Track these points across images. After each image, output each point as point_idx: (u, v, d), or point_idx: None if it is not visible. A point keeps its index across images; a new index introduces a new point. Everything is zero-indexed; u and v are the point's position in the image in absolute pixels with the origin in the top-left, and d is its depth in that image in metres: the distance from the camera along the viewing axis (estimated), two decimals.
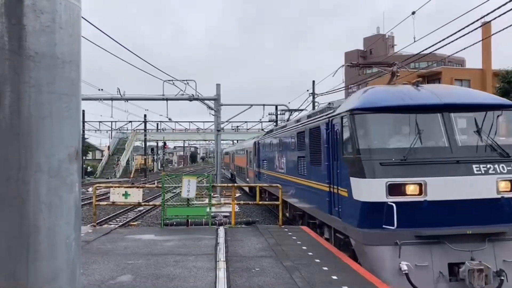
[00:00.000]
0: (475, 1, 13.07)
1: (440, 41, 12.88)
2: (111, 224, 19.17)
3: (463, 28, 11.96)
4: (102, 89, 31.60)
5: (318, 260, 8.59)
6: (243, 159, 33.29)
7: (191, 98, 27.47)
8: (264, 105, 34.74)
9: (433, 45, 13.23)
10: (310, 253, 9.24)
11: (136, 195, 13.57)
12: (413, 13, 15.21)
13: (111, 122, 59.43)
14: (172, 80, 26.98)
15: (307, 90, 35.06)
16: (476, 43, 14.54)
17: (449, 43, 12.51)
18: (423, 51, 14.66)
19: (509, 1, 10.34)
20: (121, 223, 19.46)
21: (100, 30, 15.47)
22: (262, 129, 50.56)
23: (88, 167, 57.31)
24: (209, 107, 28.82)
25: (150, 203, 20.70)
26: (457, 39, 12.23)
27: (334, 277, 7.38)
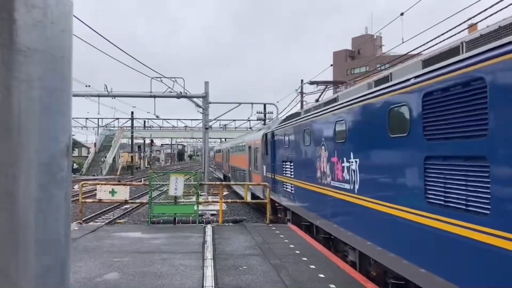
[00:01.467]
0: (464, 2, 13.22)
1: (427, 42, 12.99)
2: (97, 222, 19.02)
3: (450, 30, 12.09)
4: (89, 86, 31.35)
5: (305, 258, 8.64)
6: (242, 158, 25.80)
7: (179, 96, 27.37)
8: (252, 103, 34.81)
9: (420, 46, 13.35)
10: (297, 251, 9.28)
11: (123, 192, 13.51)
12: (402, 14, 15.32)
13: (98, 119, 59.07)
14: (160, 77, 26.86)
15: (296, 90, 35.10)
16: None
17: (436, 44, 12.64)
18: (411, 51, 14.79)
19: (495, 4, 10.49)
20: (107, 221, 19.33)
21: (87, 26, 15.34)
22: (250, 128, 50.51)
23: (74, 164, 56.77)
24: (197, 105, 28.73)
25: (137, 200, 20.59)
26: (444, 40, 12.35)
27: (321, 275, 7.43)
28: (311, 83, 15.64)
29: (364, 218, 7.54)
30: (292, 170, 13.16)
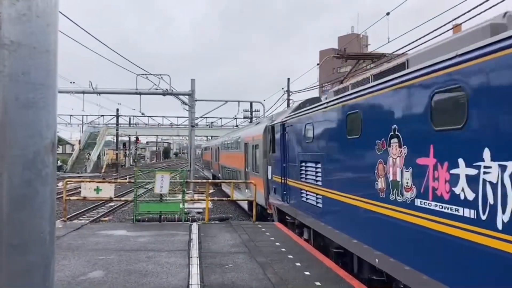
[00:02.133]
0: (449, 3, 13.36)
1: (413, 42, 13.12)
2: (81, 220, 18.83)
3: (435, 30, 12.23)
4: (74, 82, 31.03)
5: (291, 256, 8.66)
6: (236, 157, 22.22)
7: (164, 93, 27.21)
8: (239, 101, 34.71)
9: (406, 46, 13.47)
10: (283, 249, 9.30)
11: (107, 190, 13.38)
12: (388, 13, 15.44)
13: (83, 115, 58.55)
14: (145, 74, 26.68)
15: (282, 88, 35.15)
16: None
17: (421, 44, 12.76)
18: (396, 51, 14.92)
19: (479, 5, 10.63)
20: (92, 219, 19.15)
21: (72, 21, 15.15)
22: (237, 126, 50.47)
23: (58, 161, 56.08)
24: (183, 102, 28.61)
25: (122, 198, 20.44)
26: (429, 40, 12.47)
27: (307, 273, 7.45)
28: (338, 56, 10.74)
29: None
30: (319, 174, 9.29)
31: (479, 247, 4.32)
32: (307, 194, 10.13)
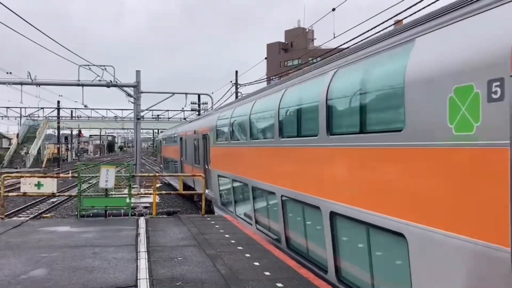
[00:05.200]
0: (391, 1, 13.84)
1: (356, 37, 13.50)
2: (21, 217, 18.02)
3: (378, 25, 12.66)
4: (10, 73, 29.49)
5: (240, 248, 8.73)
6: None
7: (109, 85, 26.43)
8: (186, 93, 34.26)
9: (350, 40, 13.85)
10: (233, 241, 9.36)
11: (49, 185, 12.88)
12: (333, 9, 15.79)
13: (21, 108, 55.88)
14: (88, 65, 25.79)
15: (231, 81, 35.10)
16: None
17: (364, 39, 13.16)
18: (341, 45, 15.30)
19: (419, 2, 11.10)
20: (32, 215, 18.37)
21: (6, 7, 14.39)
22: (184, 118, 49.89)
23: None
24: (128, 95, 27.91)
25: (65, 193, 19.71)
26: (372, 35, 12.88)
27: (256, 263, 7.55)
28: None
29: None
30: None
31: None
32: None
